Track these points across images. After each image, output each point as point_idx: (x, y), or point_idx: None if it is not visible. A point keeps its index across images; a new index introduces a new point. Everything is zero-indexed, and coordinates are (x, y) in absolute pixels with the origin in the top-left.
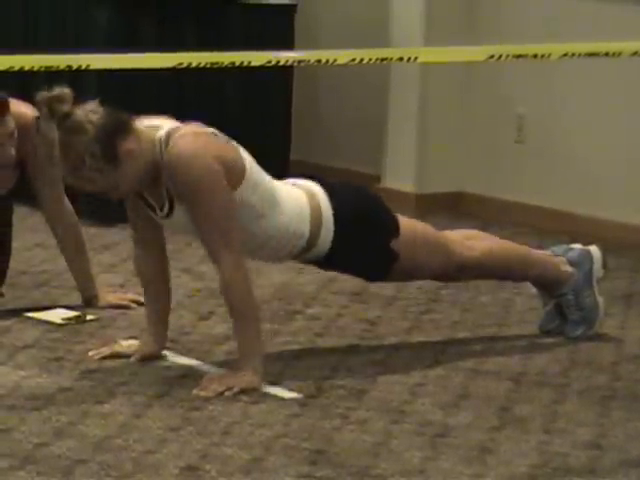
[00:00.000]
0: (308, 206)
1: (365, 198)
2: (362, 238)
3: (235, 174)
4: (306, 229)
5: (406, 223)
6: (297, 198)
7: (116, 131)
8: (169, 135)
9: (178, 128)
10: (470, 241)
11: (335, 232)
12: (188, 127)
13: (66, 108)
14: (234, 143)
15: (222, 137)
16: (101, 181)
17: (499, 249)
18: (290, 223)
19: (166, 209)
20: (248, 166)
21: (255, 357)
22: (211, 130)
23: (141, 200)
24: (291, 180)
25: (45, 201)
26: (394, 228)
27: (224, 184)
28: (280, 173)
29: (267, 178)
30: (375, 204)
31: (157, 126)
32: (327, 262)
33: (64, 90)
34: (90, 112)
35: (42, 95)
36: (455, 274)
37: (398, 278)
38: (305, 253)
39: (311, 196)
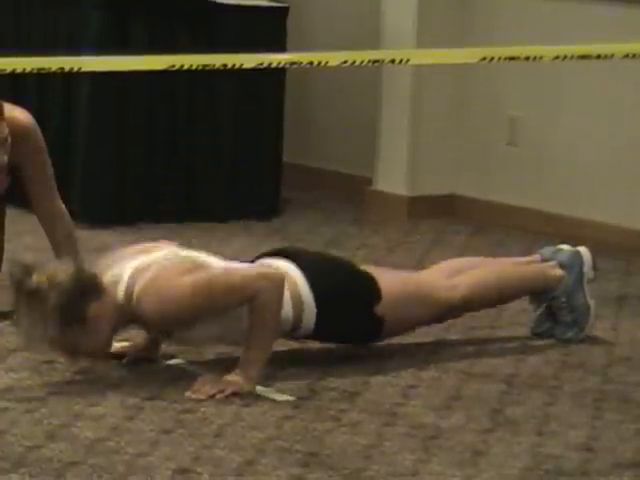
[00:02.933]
0: (287, 290)
1: (341, 268)
2: (345, 309)
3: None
4: (289, 314)
5: (387, 283)
6: None
7: (83, 295)
8: (129, 291)
9: (134, 282)
10: (454, 279)
11: (317, 309)
12: (145, 276)
13: (35, 281)
14: (199, 258)
15: (183, 257)
16: (68, 343)
17: (485, 279)
18: None
19: (161, 336)
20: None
21: (255, 368)
22: (164, 255)
23: None
24: (266, 261)
25: (39, 203)
26: (375, 293)
27: (205, 297)
28: (273, 176)
29: (241, 272)
30: (351, 272)
31: (117, 281)
32: (317, 337)
33: (28, 265)
34: (59, 274)
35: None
36: (446, 317)
37: (391, 335)
38: (292, 334)
39: (288, 279)
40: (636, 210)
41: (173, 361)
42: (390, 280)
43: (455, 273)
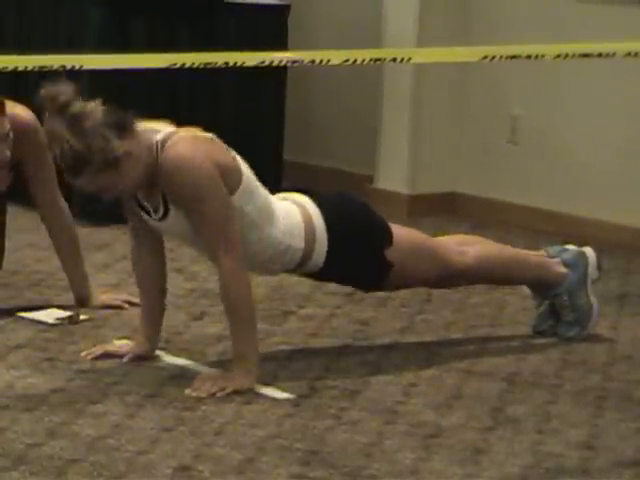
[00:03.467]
0: (302, 221)
1: (357, 208)
2: (356, 249)
3: (231, 180)
4: (300, 244)
5: (399, 231)
6: (291, 212)
7: (117, 129)
8: (165, 139)
9: (174, 132)
10: (464, 247)
11: (329, 245)
12: (184, 132)
13: (69, 99)
14: (232, 151)
15: (220, 143)
16: (100, 180)
17: (493, 255)
18: (285, 237)
19: (160, 212)
20: (245, 175)
21: (250, 359)
22: (209, 135)
23: (134, 202)
24: (282, 194)
25: (41, 201)
26: (387, 237)
27: (221, 187)
28: (274, 174)
29: (262, 190)
30: (367, 214)
31: (155, 129)
32: (322, 274)
33: (66, 84)
34: (93, 107)
35: (46, 89)
36: (449, 281)
37: (393, 287)
38: (299, 267)
39: (304, 210)
40: (637, 208)
41: (173, 359)
42: (405, 230)
43: (466, 244)
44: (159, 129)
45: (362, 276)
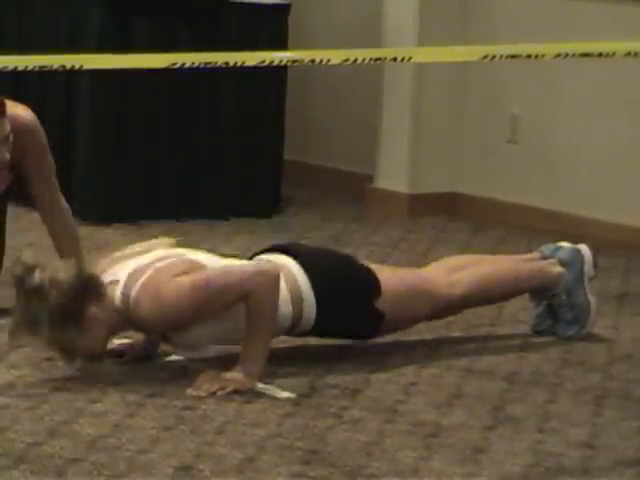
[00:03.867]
0: (285, 287)
1: (341, 264)
2: (345, 306)
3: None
4: (288, 311)
5: (386, 278)
6: None
7: (83, 296)
8: (125, 292)
9: (131, 280)
10: (453, 276)
11: (317, 306)
12: (141, 277)
13: (36, 281)
14: (196, 257)
15: (179, 256)
16: (62, 342)
17: (483, 278)
18: None
19: (160, 339)
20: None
21: (255, 364)
22: (159, 256)
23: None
24: (264, 256)
25: (41, 201)
26: (375, 288)
27: (194, 304)
28: (274, 174)
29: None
30: (351, 268)
31: (115, 280)
32: (317, 333)
33: (30, 263)
34: (61, 274)
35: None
36: (444, 313)
37: (389, 331)
38: (292, 330)
39: (287, 273)
40: (636, 207)
41: (174, 358)
42: (390, 275)
43: (455, 270)
44: (118, 276)
45: (356, 330)
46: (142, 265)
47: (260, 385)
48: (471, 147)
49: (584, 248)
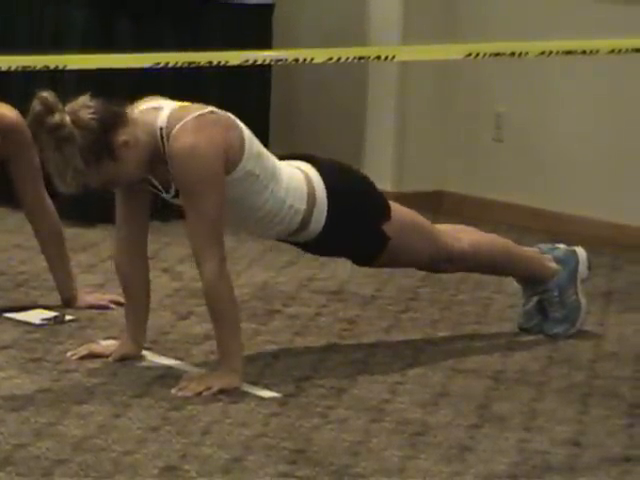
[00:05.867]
0: (305, 184)
1: (358, 180)
2: (354, 219)
3: (237, 150)
4: (303, 206)
5: (397, 207)
6: (294, 175)
7: (109, 125)
8: (169, 126)
9: (178, 117)
10: (461, 234)
11: (328, 213)
12: (188, 115)
13: (56, 119)
14: (231, 117)
15: (221, 115)
16: (101, 177)
17: (487, 243)
18: (288, 198)
19: (172, 192)
20: (247, 139)
21: (235, 358)
22: (209, 110)
23: (145, 183)
24: (285, 161)
25: (26, 201)
26: (386, 211)
27: (221, 187)
28: None
29: (266, 151)
30: (368, 186)
31: (156, 108)
32: (317, 243)
33: (51, 99)
34: (81, 110)
35: (33, 109)
36: (441, 265)
37: (385, 263)
38: (298, 232)
39: (306, 175)
40: (622, 205)
41: (160, 359)
42: (403, 208)
43: (462, 231)
44: (161, 109)
45: (358, 247)
46: (192, 106)
47: (246, 385)
48: (456, 145)
49: (580, 250)
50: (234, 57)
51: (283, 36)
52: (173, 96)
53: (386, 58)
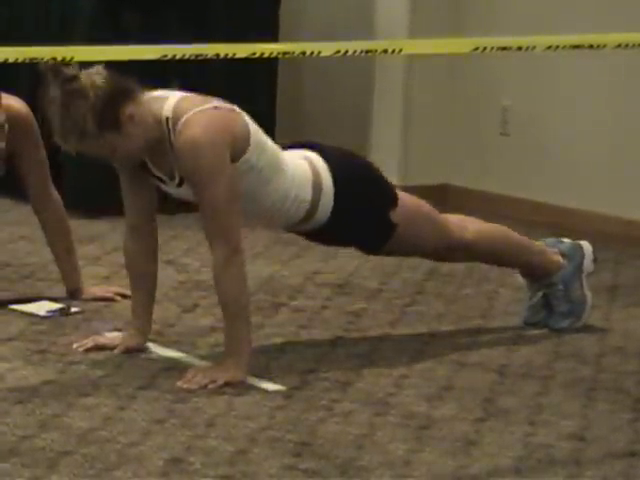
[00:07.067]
0: (310, 174)
1: (365, 168)
2: (361, 207)
3: (243, 142)
4: (308, 196)
5: (404, 195)
6: (299, 165)
7: (119, 95)
8: (176, 117)
9: (184, 108)
10: (467, 223)
11: (335, 201)
12: (194, 108)
13: (72, 71)
14: (236, 110)
15: (225, 108)
16: (103, 146)
17: (493, 233)
18: (293, 186)
19: (177, 180)
20: (253, 131)
21: (241, 352)
22: (214, 104)
23: (147, 173)
24: (290, 150)
25: (33, 192)
26: (393, 198)
27: (230, 176)
28: None
29: (270, 142)
30: (374, 174)
31: (162, 100)
32: (324, 232)
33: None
34: (95, 75)
35: (48, 63)
36: (448, 254)
37: (392, 251)
38: (304, 221)
39: (311, 164)
40: (628, 200)
41: (165, 351)
42: (410, 196)
43: (468, 221)
44: (166, 99)
45: (365, 235)
46: (197, 98)
47: (251, 378)
48: (463, 139)
49: (585, 244)
50: (242, 49)
51: (290, 29)
52: (179, 85)
53: (393, 51)
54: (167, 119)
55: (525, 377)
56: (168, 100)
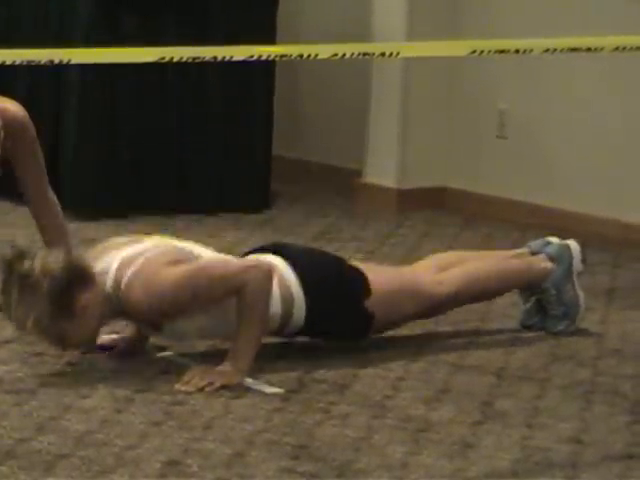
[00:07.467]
0: (277, 286)
1: (330, 264)
2: (335, 307)
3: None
4: (277, 309)
5: (375, 279)
6: None
7: (74, 284)
8: (117, 279)
9: (122, 267)
10: (443, 274)
11: (307, 307)
12: (131, 266)
13: (26, 266)
14: (186, 248)
15: (170, 246)
16: (58, 333)
17: (473, 275)
18: None
19: (150, 330)
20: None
21: (245, 360)
22: (145, 255)
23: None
24: (254, 256)
25: (30, 196)
26: (365, 288)
27: (183, 294)
28: (263, 169)
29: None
30: (341, 269)
31: (105, 273)
32: (306, 333)
33: (22, 249)
34: (52, 263)
35: (5, 256)
36: (432, 312)
37: (380, 331)
38: (281, 330)
39: (277, 274)
40: (625, 202)
41: (163, 353)
42: (379, 275)
43: (443, 268)
44: (106, 273)
45: (346, 330)
46: (134, 253)
47: (248, 380)
48: (460, 142)
49: (573, 243)
50: (239, 52)
51: (287, 31)
52: (177, 92)
53: (390, 54)
54: (110, 288)
55: (522, 380)
56: (110, 269)
